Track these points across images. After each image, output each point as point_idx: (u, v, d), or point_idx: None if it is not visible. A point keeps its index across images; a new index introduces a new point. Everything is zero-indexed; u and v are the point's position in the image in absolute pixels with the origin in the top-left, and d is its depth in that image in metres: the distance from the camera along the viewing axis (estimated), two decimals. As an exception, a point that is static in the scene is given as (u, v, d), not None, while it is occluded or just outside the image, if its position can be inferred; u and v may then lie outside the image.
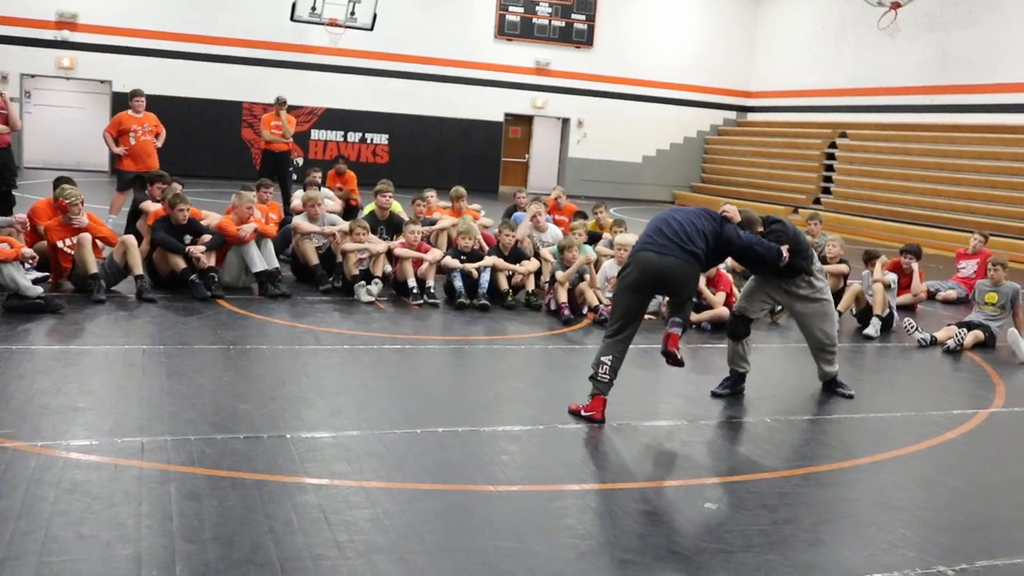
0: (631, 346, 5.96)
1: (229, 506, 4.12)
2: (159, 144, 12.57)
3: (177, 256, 8.72)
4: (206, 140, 22.79)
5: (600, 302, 8.94)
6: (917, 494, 5.08)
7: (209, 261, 8.81)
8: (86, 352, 6.66)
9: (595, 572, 3.82)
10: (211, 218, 9.39)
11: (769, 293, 6.72)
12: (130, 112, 12.35)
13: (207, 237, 8.93)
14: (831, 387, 6.97)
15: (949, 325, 9.30)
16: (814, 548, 4.22)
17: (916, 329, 9.07)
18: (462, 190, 11.69)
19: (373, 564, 3.70)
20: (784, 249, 6.32)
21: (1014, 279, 9.68)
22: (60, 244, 8.42)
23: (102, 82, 22.59)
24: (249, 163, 21.95)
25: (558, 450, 5.33)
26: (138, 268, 8.52)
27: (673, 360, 5.97)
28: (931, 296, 11.82)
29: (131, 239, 8.71)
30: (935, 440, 6.03)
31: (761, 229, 6.42)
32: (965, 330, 8.98)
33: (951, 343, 8.83)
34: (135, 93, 12.47)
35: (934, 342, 9.00)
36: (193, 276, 8.66)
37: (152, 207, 9.54)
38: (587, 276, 9.17)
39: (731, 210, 6.29)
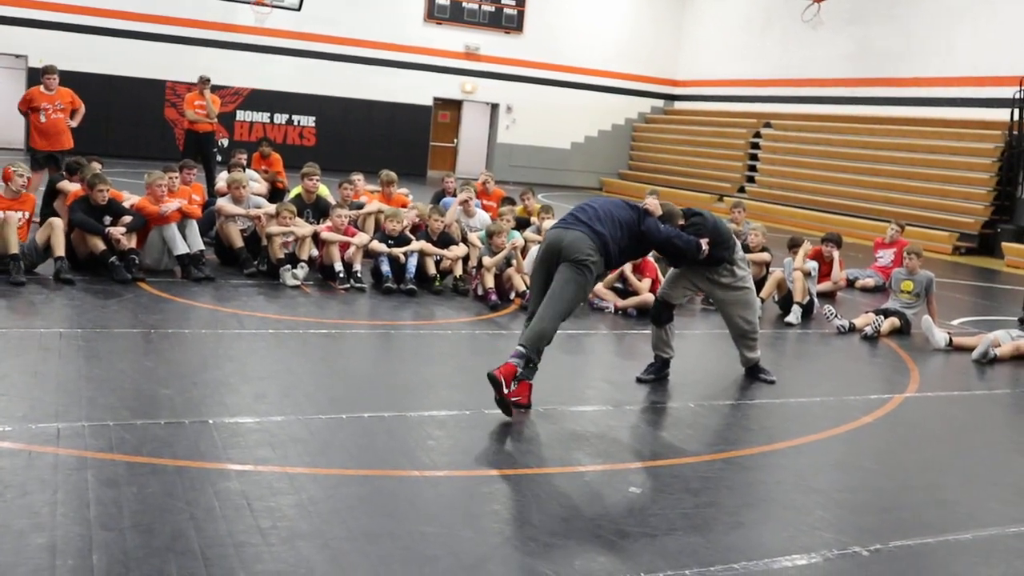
0: (558, 331, 5.97)
1: (149, 493, 4.04)
2: (75, 123, 11.95)
3: (96, 238, 8.50)
4: (127, 119, 22.18)
5: (527, 287, 8.96)
6: (835, 477, 5.21)
7: (130, 243, 8.61)
8: (-1, 336, 6.47)
9: (520, 557, 3.84)
10: (132, 200, 9.18)
11: (692, 280, 6.80)
12: (41, 88, 11.78)
13: (128, 218, 8.72)
14: (753, 373, 7.10)
15: (867, 312, 9.54)
16: (735, 531, 4.30)
17: (835, 316, 9.29)
18: (393, 175, 11.56)
19: (297, 550, 3.67)
20: (704, 242, 6.41)
21: (929, 268, 9.98)
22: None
23: (17, 56, 21.84)
24: (172, 143, 21.48)
25: (484, 435, 5.34)
26: (60, 249, 8.28)
27: (502, 400, 5.47)
28: (850, 284, 12.10)
29: (58, 221, 8.46)
30: (852, 424, 6.19)
31: (682, 222, 6.49)
32: (882, 317, 9.23)
33: (868, 330, 9.07)
34: (47, 70, 11.90)
35: (852, 329, 9.22)
36: (113, 258, 8.45)
37: (70, 187, 9.30)
38: (514, 261, 9.19)
39: (652, 203, 6.35)
